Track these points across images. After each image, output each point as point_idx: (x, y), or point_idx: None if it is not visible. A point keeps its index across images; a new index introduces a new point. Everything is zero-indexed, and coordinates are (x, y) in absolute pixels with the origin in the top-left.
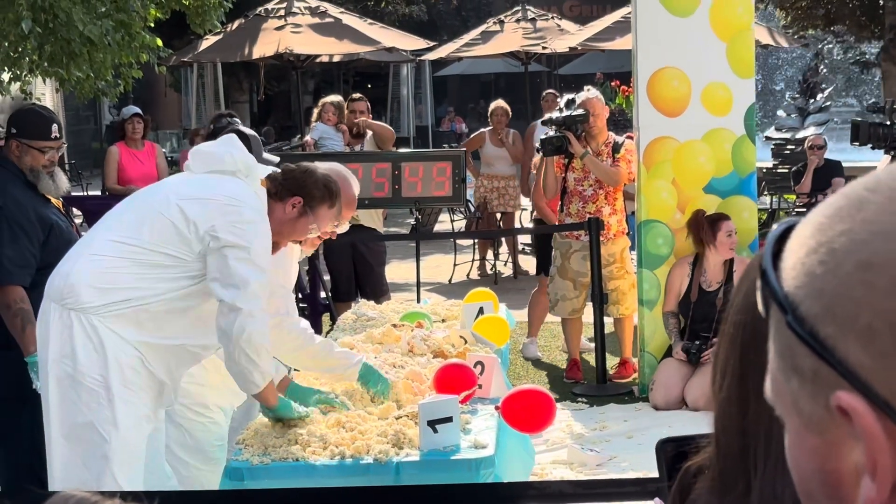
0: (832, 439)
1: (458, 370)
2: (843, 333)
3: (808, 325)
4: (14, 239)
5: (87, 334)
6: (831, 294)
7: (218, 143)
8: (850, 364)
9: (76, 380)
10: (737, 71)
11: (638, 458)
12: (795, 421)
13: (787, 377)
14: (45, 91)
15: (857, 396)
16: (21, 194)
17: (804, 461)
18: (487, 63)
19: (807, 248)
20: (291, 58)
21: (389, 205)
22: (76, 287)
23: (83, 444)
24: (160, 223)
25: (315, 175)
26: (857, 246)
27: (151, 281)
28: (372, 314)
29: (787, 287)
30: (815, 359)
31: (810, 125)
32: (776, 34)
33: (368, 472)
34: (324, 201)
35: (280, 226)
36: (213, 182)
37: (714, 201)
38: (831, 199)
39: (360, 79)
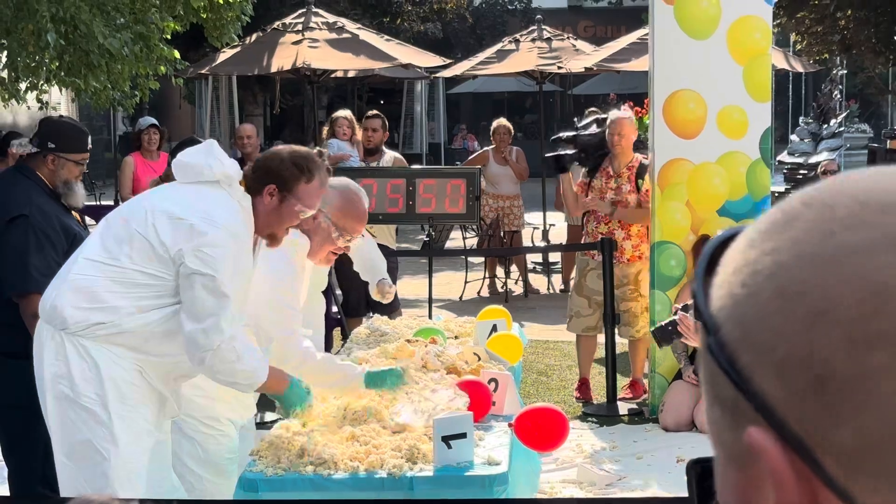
0: (752, 475)
1: (474, 387)
2: (761, 364)
3: (728, 352)
4: (40, 248)
5: (80, 355)
6: (751, 320)
7: (197, 153)
8: (767, 397)
9: (72, 399)
10: (753, 95)
11: (648, 478)
12: (720, 451)
13: (711, 405)
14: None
15: (770, 434)
16: (45, 204)
17: (727, 495)
18: (501, 82)
19: (734, 266)
20: (307, 72)
21: (403, 221)
22: (61, 309)
23: (84, 462)
24: (138, 242)
25: (280, 156)
26: (779, 270)
27: (133, 299)
28: (385, 329)
29: (712, 306)
30: (733, 389)
31: (823, 150)
32: (791, 59)
33: (382, 487)
34: (298, 179)
35: (267, 218)
36: (191, 197)
37: (728, 224)
38: (770, 211)
39: (373, 94)
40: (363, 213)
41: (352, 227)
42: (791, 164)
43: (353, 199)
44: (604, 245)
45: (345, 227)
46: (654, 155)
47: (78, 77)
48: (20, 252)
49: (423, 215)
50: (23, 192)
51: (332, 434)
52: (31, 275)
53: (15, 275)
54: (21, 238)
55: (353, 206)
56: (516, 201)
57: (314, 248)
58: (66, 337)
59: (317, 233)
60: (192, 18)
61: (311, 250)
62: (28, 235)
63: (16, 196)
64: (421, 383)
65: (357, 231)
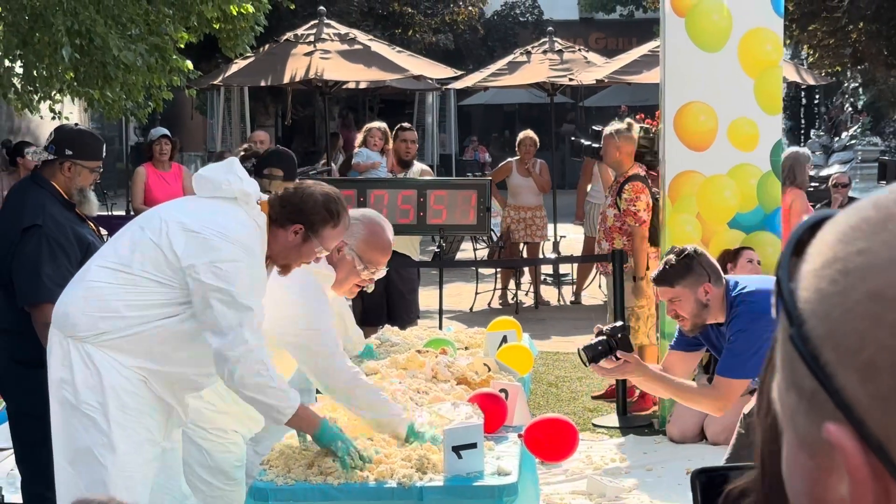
0: (823, 465)
1: (490, 399)
2: (844, 364)
3: (812, 346)
4: (53, 257)
5: (84, 361)
6: (837, 319)
7: (217, 169)
8: (847, 397)
9: (75, 406)
10: (764, 107)
11: (657, 490)
12: (791, 435)
13: (787, 388)
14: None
15: (849, 431)
16: (59, 214)
17: (796, 479)
18: (512, 93)
19: (823, 259)
20: (319, 83)
21: (414, 232)
22: (71, 315)
23: (83, 468)
24: (151, 250)
25: (314, 199)
26: (871, 272)
27: (142, 307)
28: (396, 340)
29: (798, 298)
30: (814, 381)
31: (834, 163)
32: (803, 71)
33: (392, 497)
34: (326, 224)
35: (286, 251)
36: (207, 211)
37: (738, 236)
38: (863, 204)
39: (384, 106)
40: (388, 245)
41: (377, 259)
42: None
43: (377, 231)
44: (615, 257)
45: (370, 260)
46: (664, 167)
47: (92, 88)
48: (33, 262)
49: (433, 226)
50: (37, 202)
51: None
52: (43, 284)
53: (28, 284)
54: (35, 248)
55: (378, 238)
56: (539, 212)
57: (339, 280)
58: (72, 343)
59: (342, 266)
60: (205, 29)
61: (337, 281)
62: (41, 245)
63: (30, 206)
64: (431, 394)
65: (381, 263)
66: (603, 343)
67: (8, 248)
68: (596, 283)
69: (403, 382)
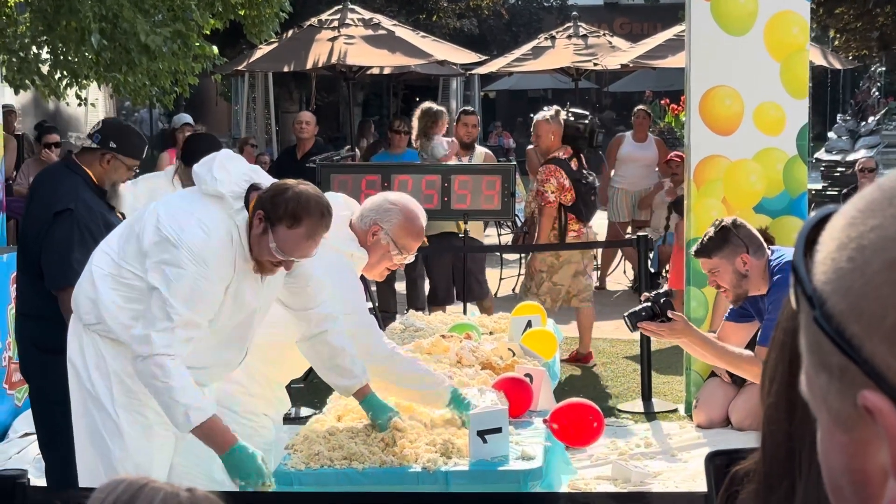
0: (860, 437)
1: (515, 384)
2: (870, 333)
3: (835, 323)
4: (83, 242)
5: (94, 346)
6: (858, 292)
7: (205, 162)
8: (877, 364)
9: (88, 390)
10: (790, 91)
11: (683, 475)
12: (825, 417)
13: (816, 372)
14: (98, 96)
15: (883, 397)
16: (91, 200)
17: (833, 457)
18: (536, 79)
19: (837, 243)
20: (343, 69)
21: (438, 217)
22: (77, 299)
23: (99, 451)
24: (133, 241)
25: (287, 192)
26: (886, 244)
27: (128, 301)
28: (420, 325)
29: (816, 282)
30: (842, 357)
31: (861, 148)
32: (829, 55)
33: (417, 481)
34: (281, 221)
35: (253, 240)
36: (186, 206)
37: (764, 221)
38: (867, 191)
39: (409, 91)
40: (421, 230)
41: (410, 245)
42: (828, 161)
43: (412, 217)
44: (639, 242)
45: (404, 245)
46: (690, 151)
47: (118, 73)
48: (64, 246)
49: (458, 212)
50: (70, 187)
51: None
52: (72, 269)
53: (57, 268)
54: (66, 232)
55: (413, 223)
56: None
57: (372, 263)
58: (83, 328)
59: (376, 250)
60: (230, 15)
61: (369, 265)
62: (72, 230)
63: (63, 190)
64: (456, 378)
65: (413, 248)
66: (647, 309)
67: (39, 230)
68: (620, 268)
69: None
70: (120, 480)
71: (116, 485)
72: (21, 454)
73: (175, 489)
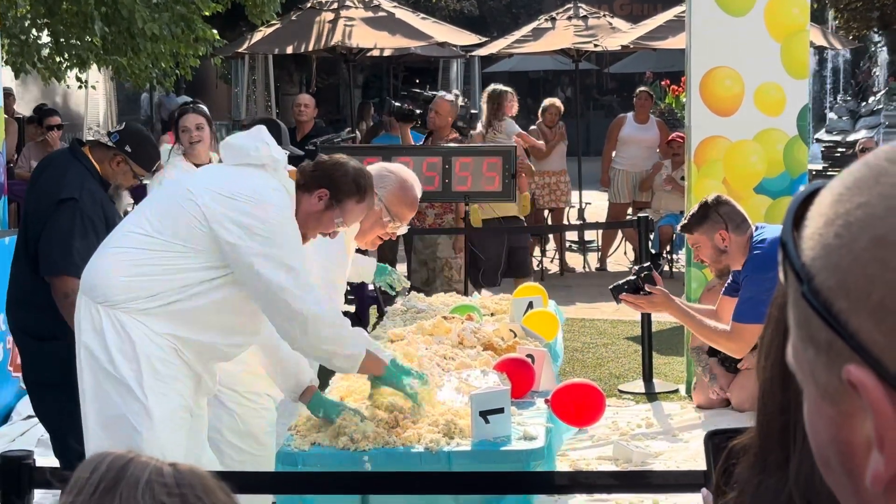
0: (846, 410)
1: (517, 364)
2: (856, 309)
3: (823, 298)
4: (84, 234)
5: (117, 330)
6: (846, 269)
7: (247, 136)
8: (862, 339)
9: (109, 373)
10: (791, 71)
11: (683, 455)
12: (812, 390)
13: (804, 346)
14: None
15: (867, 371)
16: (96, 191)
17: (821, 430)
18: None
19: (825, 219)
20: (343, 51)
21: (439, 199)
22: (102, 282)
23: (117, 435)
24: (182, 216)
25: (345, 168)
26: (873, 221)
27: (174, 273)
28: (421, 306)
29: (804, 257)
30: (829, 331)
31: (861, 128)
32: (830, 36)
33: (420, 462)
34: (351, 195)
35: (306, 217)
36: (237, 177)
37: (765, 202)
38: (854, 167)
39: (409, 73)
40: (415, 201)
41: (403, 214)
42: (829, 142)
43: (408, 187)
44: (640, 223)
45: (397, 214)
46: (690, 132)
47: (120, 56)
48: (65, 234)
49: (459, 193)
50: (75, 176)
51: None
52: (71, 257)
53: (56, 254)
54: (68, 221)
55: (407, 193)
56: (563, 177)
57: (364, 230)
58: (103, 310)
59: (369, 216)
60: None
61: (361, 231)
62: (75, 219)
63: (68, 178)
64: (458, 360)
65: (407, 218)
66: (629, 282)
67: (41, 216)
68: (621, 249)
69: (430, 348)
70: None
71: (99, 462)
72: (25, 436)
73: (160, 464)
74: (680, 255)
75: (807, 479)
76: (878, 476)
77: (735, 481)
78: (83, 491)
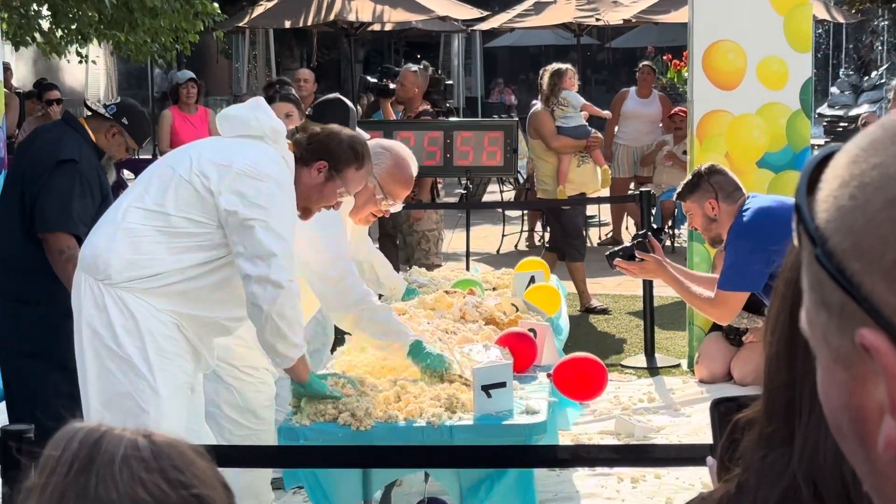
0: (858, 374)
1: (519, 338)
2: (870, 270)
3: (836, 260)
4: (83, 195)
5: (119, 306)
6: (860, 231)
7: (245, 107)
8: (875, 301)
9: (113, 351)
10: (793, 45)
11: (685, 429)
12: (825, 354)
13: (817, 310)
14: (99, 53)
15: (881, 334)
16: (91, 157)
17: (833, 395)
18: (538, 35)
19: (839, 181)
20: (344, 25)
21: (440, 173)
22: (104, 259)
23: (122, 413)
24: (183, 189)
25: (339, 137)
26: (888, 182)
27: (178, 251)
28: (423, 280)
29: (818, 220)
30: (842, 294)
31: (864, 102)
32: (832, 9)
33: (422, 436)
34: (350, 164)
35: (308, 191)
36: (237, 147)
37: (767, 176)
38: (870, 129)
39: (410, 48)
40: (410, 179)
41: (397, 192)
42: (831, 116)
43: (402, 164)
44: (641, 197)
45: (390, 192)
46: (692, 106)
47: (119, 31)
48: (65, 194)
49: (460, 168)
50: (73, 140)
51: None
52: (70, 215)
53: (55, 212)
54: (68, 182)
55: (402, 171)
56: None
57: (357, 206)
58: (104, 288)
59: (362, 193)
60: None
61: (355, 207)
62: (74, 180)
63: (67, 142)
64: (460, 334)
65: (400, 196)
66: (625, 249)
67: (39, 175)
68: (623, 224)
69: (431, 323)
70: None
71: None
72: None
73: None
74: (682, 229)
75: (811, 456)
76: (890, 441)
77: (739, 456)
78: (56, 471)
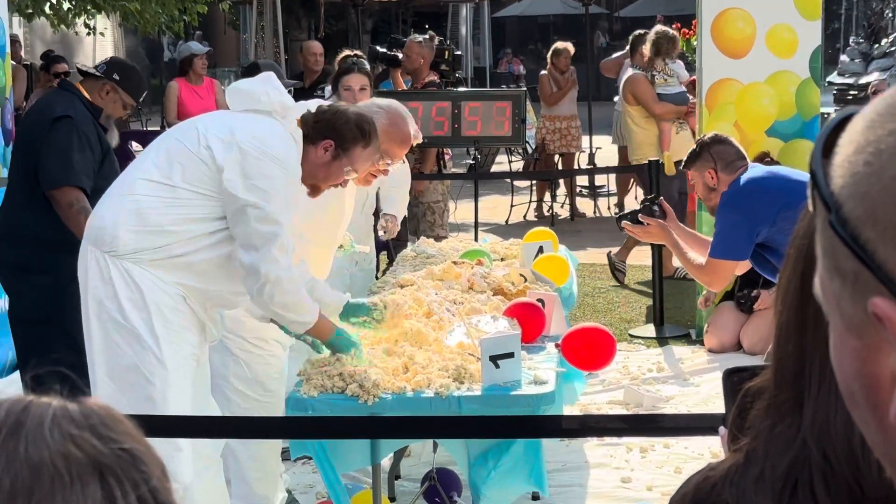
0: (871, 343)
1: (528, 308)
2: (884, 238)
3: (850, 227)
4: (82, 148)
5: (125, 279)
6: (874, 198)
7: (255, 81)
8: (889, 270)
9: (119, 323)
10: (803, 12)
11: (695, 399)
12: (838, 321)
13: (830, 276)
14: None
15: (894, 303)
16: (86, 115)
17: (846, 362)
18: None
19: (855, 146)
20: None
21: (448, 144)
22: (111, 231)
23: (128, 385)
24: (190, 161)
25: (346, 116)
26: None
27: (185, 223)
28: (431, 251)
29: (833, 185)
30: (855, 262)
31: (874, 70)
32: None
33: (431, 407)
34: (356, 142)
35: (315, 169)
36: (245, 123)
37: (777, 144)
38: (888, 93)
39: (418, 19)
40: (407, 137)
41: (394, 151)
42: (841, 84)
43: (398, 122)
44: (651, 167)
45: (387, 151)
46: (701, 75)
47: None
48: (64, 148)
49: (468, 138)
50: (66, 99)
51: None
52: (73, 168)
53: (58, 167)
54: (66, 137)
55: (398, 129)
56: (573, 122)
57: None
58: (110, 260)
59: None
60: None
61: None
62: (72, 135)
63: (61, 100)
64: (467, 304)
65: (398, 155)
66: (633, 212)
67: (37, 135)
68: (633, 193)
69: (439, 293)
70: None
71: None
72: None
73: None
74: None
75: (822, 426)
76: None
77: (749, 425)
78: None
